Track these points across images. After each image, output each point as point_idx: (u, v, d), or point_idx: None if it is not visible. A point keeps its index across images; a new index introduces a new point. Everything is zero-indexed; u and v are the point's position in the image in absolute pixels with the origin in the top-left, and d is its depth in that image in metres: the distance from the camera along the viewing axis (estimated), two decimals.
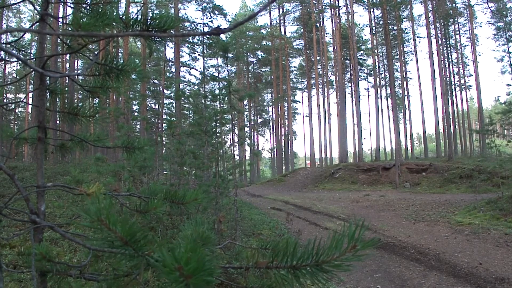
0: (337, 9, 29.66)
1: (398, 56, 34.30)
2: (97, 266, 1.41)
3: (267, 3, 0.58)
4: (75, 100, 23.26)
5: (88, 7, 1.23)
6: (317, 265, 0.73)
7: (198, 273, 0.57)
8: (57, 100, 1.73)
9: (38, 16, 1.24)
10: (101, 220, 0.72)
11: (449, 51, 31.52)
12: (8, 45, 1.62)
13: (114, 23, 1.05)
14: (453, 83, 32.01)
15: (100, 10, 1.07)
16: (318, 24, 31.94)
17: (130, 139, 1.48)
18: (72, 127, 9.29)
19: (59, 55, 15.36)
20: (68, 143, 1.52)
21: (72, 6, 1.33)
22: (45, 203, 1.29)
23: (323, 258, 0.72)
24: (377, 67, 34.42)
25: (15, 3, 1.77)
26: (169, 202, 1.18)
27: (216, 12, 29.95)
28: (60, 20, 1.40)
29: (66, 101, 1.81)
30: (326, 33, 33.71)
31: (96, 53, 1.30)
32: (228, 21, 31.66)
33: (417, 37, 34.09)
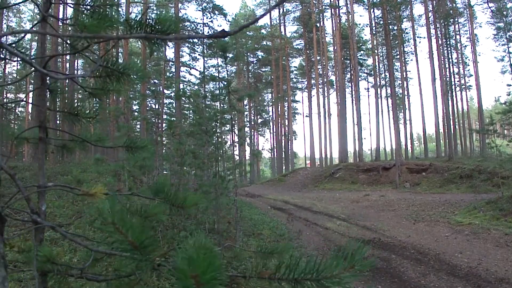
0: (337, 9, 29.62)
1: (398, 56, 34.26)
2: (98, 267, 1.41)
3: (271, 7, 0.58)
4: (75, 100, 23.21)
5: (92, 8, 1.23)
6: (317, 280, 0.78)
7: (212, 281, 0.58)
8: (57, 100, 1.73)
9: (38, 16, 1.24)
10: (114, 223, 0.72)
11: (449, 51, 31.51)
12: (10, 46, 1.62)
13: (117, 25, 1.05)
14: (453, 83, 31.98)
15: (104, 12, 1.07)
16: (318, 24, 31.92)
17: (132, 138, 1.48)
18: (72, 127, 9.28)
19: (60, 55, 15.33)
20: (70, 143, 1.52)
21: (74, 7, 1.33)
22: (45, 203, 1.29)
23: (323, 274, 0.77)
24: (377, 67, 34.38)
25: (17, 3, 1.77)
26: (170, 205, 1.18)
27: (216, 12, 29.91)
28: (60, 20, 1.40)
29: (66, 101, 1.81)
30: (326, 33, 33.70)
31: (98, 54, 1.30)
32: (228, 21, 31.62)
33: (417, 37, 34.01)
